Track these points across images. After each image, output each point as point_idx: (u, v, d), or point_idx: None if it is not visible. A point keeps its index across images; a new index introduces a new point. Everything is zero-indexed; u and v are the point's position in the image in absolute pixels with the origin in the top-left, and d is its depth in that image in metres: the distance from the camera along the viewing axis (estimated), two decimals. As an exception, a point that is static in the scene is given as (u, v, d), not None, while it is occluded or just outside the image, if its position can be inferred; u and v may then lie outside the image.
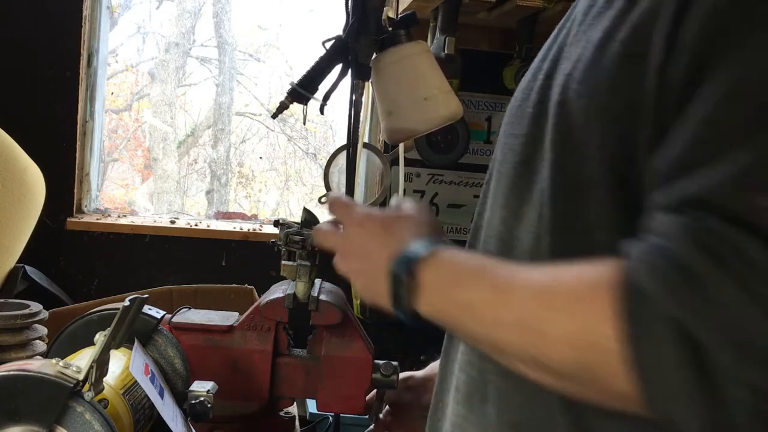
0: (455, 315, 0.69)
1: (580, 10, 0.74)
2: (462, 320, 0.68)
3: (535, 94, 0.75)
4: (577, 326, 0.58)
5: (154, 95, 3.80)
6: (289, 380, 1.12)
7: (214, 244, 2.57)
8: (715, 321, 0.52)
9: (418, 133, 1.34)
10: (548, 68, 0.75)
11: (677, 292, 0.53)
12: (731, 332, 0.51)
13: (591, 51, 0.68)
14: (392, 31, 1.31)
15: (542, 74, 0.76)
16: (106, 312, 1.02)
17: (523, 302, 0.62)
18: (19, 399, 0.69)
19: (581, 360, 0.59)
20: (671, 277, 0.53)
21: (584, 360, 0.59)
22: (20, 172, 1.79)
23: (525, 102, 0.77)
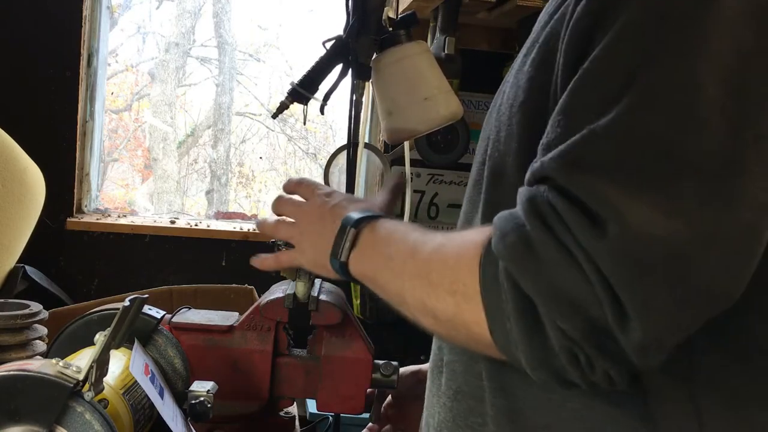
0: (375, 267, 0.80)
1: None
2: (380, 272, 0.79)
3: (499, 97, 0.83)
4: (454, 277, 0.68)
5: (154, 95, 3.80)
6: (289, 380, 1.12)
7: (214, 244, 2.57)
8: (536, 275, 0.61)
9: (419, 133, 1.34)
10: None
11: (512, 249, 0.62)
12: (547, 285, 0.60)
13: (521, 57, 0.79)
14: (392, 31, 1.31)
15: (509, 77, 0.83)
16: (106, 312, 1.02)
17: (423, 258, 0.73)
18: (19, 399, 0.69)
19: (457, 307, 0.68)
20: (510, 237, 0.63)
21: (459, 307, 0.68)
22: (20, 172, 1.79)
23: (493, 107, 0.85)
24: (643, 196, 0.58)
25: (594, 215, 0.59)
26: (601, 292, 0.58)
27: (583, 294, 0.59)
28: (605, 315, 0.58)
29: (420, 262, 0.73)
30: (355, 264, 0.83)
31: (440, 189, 2.66)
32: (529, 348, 0.62)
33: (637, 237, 0.57)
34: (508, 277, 0.63)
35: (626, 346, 0.59)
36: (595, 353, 0.60)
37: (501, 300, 0.63)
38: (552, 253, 0.60)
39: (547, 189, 0.62)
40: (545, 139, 0.66)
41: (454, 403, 0.82)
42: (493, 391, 0.77)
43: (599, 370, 0.61)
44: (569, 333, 0.60)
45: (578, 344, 0.60)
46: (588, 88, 0.64)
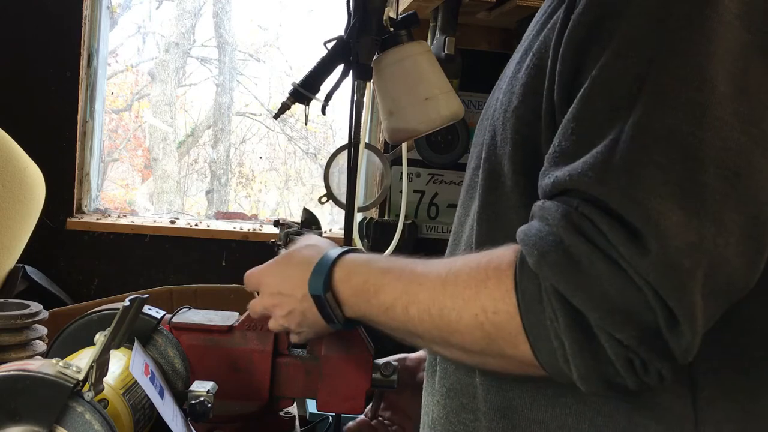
0: (378, 318, 0.78)
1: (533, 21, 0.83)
2: (384, 320, 0.78)
3: (492, 103, 0.84)
4: (482, 309, 0.67)
5: (154, 95, 3.80)
6: (289, 380, 1.12)
7: (214, 244, 2.57)
8: (588, 289, 0.61)
9: (420, 133, 1.34)
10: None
11: (556, 266, 0.62)
12: (600, 298, 0.60)
13: (514, 64, 0.80)
14: (393, 32, 1.31)
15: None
16: (106, 312, 1.01)
17: (431, 297, 0.71)
18: (19, 399, 0.69)
19: (488, 338, 0.67)
20: (552, 255, 0.62)
21: (491, 337, 0.67)
22: (20, 172, 1.79)
23: (485, 113, 0.86)
24: (674, 200, 0.59)
25: (631, 227, 0.60)
26: (653, 300, 0.59)
27: (635, 303, 0.60)
28: (657, 321, 0.60)
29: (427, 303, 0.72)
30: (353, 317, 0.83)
31: (440, 189, 2.66)
32: (582, 361, 0.62)
33: (677, 248, 0.59)
34: (556, 295, 0.62)
35: (676, 347, 0.60)
36: (650, 356, 0.61)
37: (545, 318, 0.63)
38: (600, 266, 0.60)
39: (580, 203, 0.62)
40: (557, 147, 0.66)
41: (447, 401, 0.83)
42: (487, 387, 0.78)
43: (653, 371, 0.62)
44: (625, 341, 0.61)
45: (634, 350, 0.61)
46: (598, 97, 0.64)
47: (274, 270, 0.94)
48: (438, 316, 0.71)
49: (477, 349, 0.70)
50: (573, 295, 0.61)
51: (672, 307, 0.59)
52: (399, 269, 0.77)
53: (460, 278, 0.70)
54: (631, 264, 0.59)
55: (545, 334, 0.64)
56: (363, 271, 0.81)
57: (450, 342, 0.72)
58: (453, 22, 2.21)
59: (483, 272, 0.68)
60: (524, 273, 0.65)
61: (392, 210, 2.66)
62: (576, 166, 0.63)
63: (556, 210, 0.64)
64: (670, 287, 0.59)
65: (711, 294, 0.60)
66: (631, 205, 0.60)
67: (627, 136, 0.61)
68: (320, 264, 0.84)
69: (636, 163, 0.61)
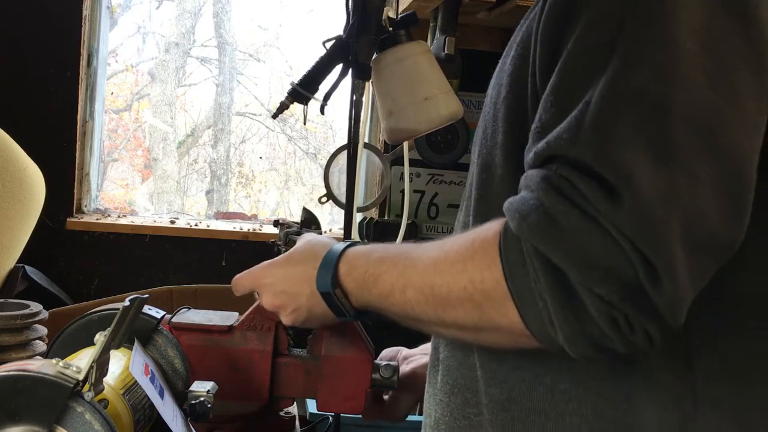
0: (381, 305, 0.80)
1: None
2: (387, 307, 0.79)
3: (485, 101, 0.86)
4: (469, 281, 0.68)
5: (154, 95, 3.79)
6: (289, 380, 1.12)
7: (214, 244, 2.57)
8: (567, 247, 0.61)
9: (419, 133, 1.34)
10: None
11: (536, 227, 0.63)
12: (579, 254, 0.61)
13: (502, 58, 0.82)
14: (392, 31, 1.31)
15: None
16: (106, 312, 1.01)
17: (423, 278, 0.73)
18: (19, 399, 0.69)
19: (478, 308, 0.68)
20: (531, 216, 0.63)
21: (481, 308, 0.68)
22: (20, 172, 1.79)
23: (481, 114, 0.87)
24: (645, 154, 0.61)
25: (608, 184, 0.61)
26: (632, 254, 0.60)
27: (614, 258, 0.60)
28: (638, 275, 0.60)
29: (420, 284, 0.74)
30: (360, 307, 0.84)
31: (440, 189, 2.66)
32: (566, 321, 0.63)
33: (650, 200, 0.60)
34: (536, 254, 0.63)
35: (659, 303, 0.61)
36: (633, 312, 0.61)
37: (529, 280, 0.64)
38: (578, 223, 0.61)
39: (559, 166, 0.64)
40: (538, 122, 0.68)
41: (451, 398, 0.83)
42: (487, 380, 0.78)
43: (638, 329, 0.62)
44: (606, 297, 0.61)
45: (616, 306, 0.61)
46: (573, 67, 0.66)
47: (272, 271, 0.94)
48: (430, 295, 0.72)
49: (470, 323, 0.70)
50: (552, 252, 0.62)
51: (650, 259, 0.60)
52: (395, 256, 0.78)
53: (450, 255, 0.71)
54: (607, 218, 0.60)
55: (530, 297, 0.64)
56: (363, 262, 0.82)
57: (445, 320, 0.73)
58: (453, 22, 2.21)
59: (470, 246, 0.70)
60: (507, 239, 0.66)
61: (392, 210, 2.66)
62: (554, 133, 0.65)
63: (537, 176, 0.65)
64: (646, 238, 0.59)
65: (693, 249, 0.61)
66: (604, 161, 0.61)
67: (598, 97, 0.63)
68: (326, 260, 0.85)
69: (607, 121, 0.62)
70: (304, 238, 0.96)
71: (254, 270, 0.97)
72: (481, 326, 0.70)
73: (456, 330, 0.74)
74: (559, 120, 0.65)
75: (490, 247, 0.67)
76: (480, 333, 0.72)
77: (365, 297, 0.82)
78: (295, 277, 0.90)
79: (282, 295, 0.92)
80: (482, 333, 0.72)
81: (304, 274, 0.88)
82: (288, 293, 0.91)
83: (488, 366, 0.78)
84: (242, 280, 0.98)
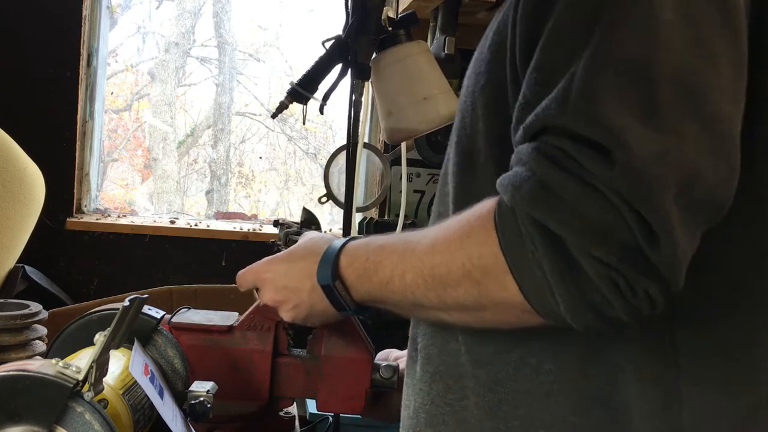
0: (381, 294, 0.79)
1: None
2: (387, 295, 0.78)
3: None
4: (467, 257, 0.68)
5: (154, 95, 3.79)
6: (289, 380, 1.12)
7: (214, 244, 2.57)
8: (562, 211, 0.61)
9: (419, 133, 1.34)
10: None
11: (529, 195, 0.63)
12: (575, 218, 0.61)
13: (478, 47, 0.82)
14: (392, 31, 1.31)
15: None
16: (106, 312, 1.01)
17: (421, 260, 0.73)
18: (19, 399, 0.69)
19: (478, 285, 0.68)
20: (525, 186, 0.63)
21: (480, 284, 0.68)
22: (20, 172, 1.79)
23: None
24: (633, 116, 0.61)
25: (600, 147, 0.61)
26: (627, 214, 0.60)
27: (611, 219, 0.60)
28: (635, 235, 0.60)
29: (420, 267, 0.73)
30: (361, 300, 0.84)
31: (440, 189, 2.66)
32: (566, 289, 0.63)
33: (642, 157, 0.60)
34: (532, 223, 0.63)
35: (658, 262, 0.60)
36: (633, 273, 0.61)
37: (526, 250, 0.64)
38: (573, 187, 0.61)
39: (549, 137, 0.63)
40: (522, 100, 0.68)
41: (432, 386, 0.83)
42: (473, 362, 0.78)
43: (640, 291, 0.62)
44: (605, 259, 0.61)
45: (615, 268, 0.61)
46: (556, 43, 0.67)
47: (274, 267, 0.95)
48: (429, 276, 0.72)
49: (471, 301, 0.70)
50: (548, 219, 0.62)
51: (646, 217, 0.59)
52: (394, 242, 0.79)
53: (447, 235, 0.71)
54: (601, 180, 0.60)
55: (529, 268, 0.64)
56: (362, 252, 0.82)
57: (446, 301, 0.72)
58: (453, 22, 2.21)
59: (466, 223, 0.70)
60: (503, 212, 0.66)
61: (392, 210, 2.66)
62: (541, 105, 0.65)
63: (528, 149, 0.65)
64: (641, 196, 0.59)
65: (689, 208, 0.61)
66: (593, 125, 0.61)
67: (583, 66, 0.63)
68: (327, 254, 0.85)
69: (594, 87, 0.62)
70: (306, 236, 0.96)
71: (256, 266, 0.97)
72: (483, 304, 0.70)
73: (458, 312, 0.74)
74: (545, 94, 0.65)
75: (487, 222, 0.67)
76: (482, 312, 0.71)
77: (366, 287, 0.81)
78: (296, 273, 0.90)
79: (283, 291, 0.93)
80: (484, 312, 0.71)
81: (305, 270, 0.88)
82: (289, 288, 0.92)
83: (474, 350, 0.78)
84: (245, 276, 0.99)
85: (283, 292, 0.93)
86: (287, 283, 0.92)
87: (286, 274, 0.92)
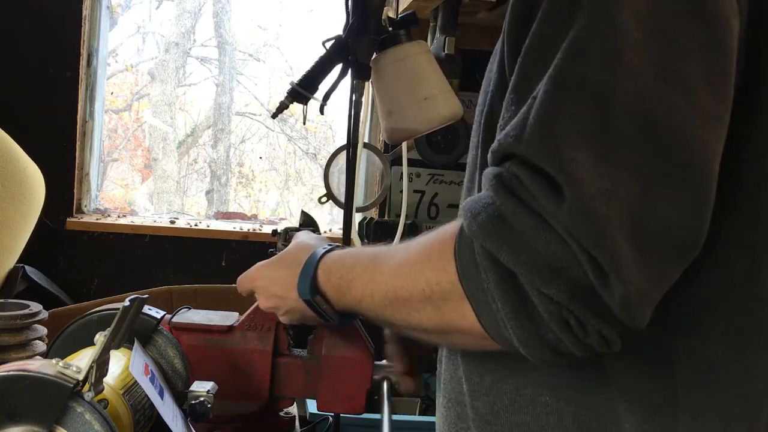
0: (357, 310, 0.80)
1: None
2: (362, 312, 0.79)
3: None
4: (426, 282, 0.67)
5: (154, 95, 3.80)
6: (289, 380, 1.12)
7: (214, 244, 2.57)
8: (513, 245, 0.60)
9: (419, 133, 1.34)
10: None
11: (485, 225, 0.61)
12: (526, 253, 0.59)
13: (489, 63, 0.81)
14: (392, 31, 1.31)
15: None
16: (106, 312, 1.01)
17: (387, 282, 0.72)
18: (19, 399, 0.69)
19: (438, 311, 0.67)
20: (482, 215, 0.62)
21: (441, 310, 0.67)
22: (20, 172, 1.79)
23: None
24: (586, 148, 0.59)
25: (551, 179, 0.59)
26: (578, 252, 0.58)
27: (561, 256, 0.59)
28: (587, 274, 0.58)
29: (386, 289, 0.73)
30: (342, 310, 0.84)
31: (440, 189, 2.66)
32: (517, 323, 0.61)
33: (590, 195, 0.58)
34: (485, 254, 0.62)
35: (610, 302, 0.59)
36: (584, 313, 0.59)
37: (481, 280, 0.63)
38: (525, 221, 0.60)
39: (511, 164, 0.62)
40: (501, 122, 0.67)
41: (447, 411, 0.83)
42: (472, 394, 0.78)
43: (592, 331, 0.60)
44: (555, 297, 0.59)
45: (566, 307, 0.59)
46: (528, 63, 0.65)
47: (266, 273, 0.95)
48: (394, 299, 0.72)
49: (433, 326, 0.70)
50: (499, 251, 0.60)
51: (595, 255, 0.57)
52: (366, 261, 0.78)
53: (410, 257, 0.71)
54: (551, 215, 0.58)
55: (484, 298, 0.63)
56: (338, 267, 0.82)
57: (411, 323, 0.72)
58: (453, 22, 2.21)
59: (428, 246, 0.69)
60: (462, 239, 0.65)
61: (392, 210, 2.66)
62: (505, 130, 0.63)
63: (490, 174, 0.64)
64: (589, 234, 0.58)
65: (646, 245, 0.59)
66: (546, 157, 0.59)
67: (542, 91, 0.61)
68: (305, 267, 0.85)
69: (549, 116, 0.60)
70: (297, 238, 0.97)
71: (250, 272, 0.98)
72: (444, 329, 0.69)
73: (424, 333, 0.73)
74: (510, 117, 0.64)
75: (447, 248, 0.66)
76: (446, 335, 0.71)
77: (343, 302, 0.82)
78: (283, 281, 0.91)
79: (274, 299, 0.94)
80: (448, 335, 0.71)
81: (289, 280, 0.88)
82: (278, 297, 0.93)
83: (472, 380, 0.78)
84: (242, 282, 1.00)
85: (273, 299, 0.94)
86: (276, 292, 0.93)
87: (275, 281, 0.93)
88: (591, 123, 0.59)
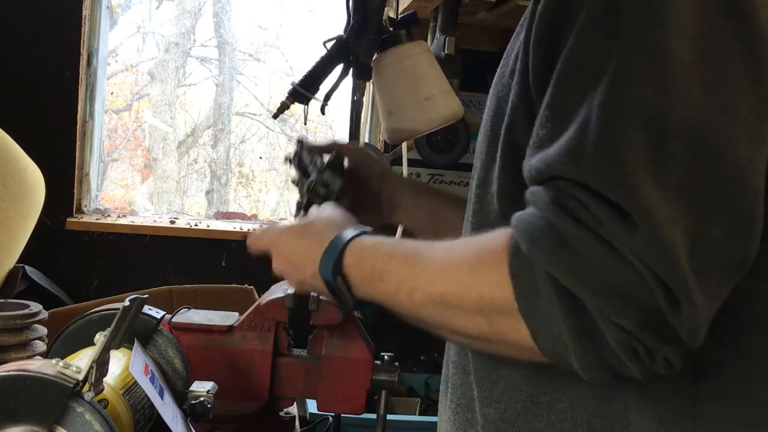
0: (385, 302, 0.78)
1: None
2: (392, 305, 0.77)
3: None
4: (479, 295, 0.67)
5: (154, 95, 3.80)
6: (289, 380, 1.12)
7: (214, 244, 2.57)
8: (582, 272, 0.60)
9: (419, 133, 1.34)
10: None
11: (548, 250, 0.61)
12: (596, 282, 0.59)
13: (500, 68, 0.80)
14: (393, 31, 1.31)
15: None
16: (106, 312, 1.01)
17: (432, 283, 0.71)
18: (19, 399, 0.69)
19: (490, 322, 0.67)
20: (543, 239, 0.61)
21: (492, 322, 0.67)
22: (20, 171, 1.79)
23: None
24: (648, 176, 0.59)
25: (617, 206, 0.59)
26: (651, 280, 0.58)
27: (634, 285, 0.59)
28: (658, 302, 0.58)
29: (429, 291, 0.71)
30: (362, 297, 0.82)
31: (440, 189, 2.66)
32: (581, 349, 0.61)
33: (660, 222, 0.58)
34: (549, 279, 0.61)
35: (679, 328, 0.59)
36: (654, 341, 0.59)
37: (542, 303, 0.62)
38: (594, 247, 0.59)
39: (566, 185, 0.61)
40: (535, 138, 0.66)
41: (456, 416, 0.82)
42: (482, 400, 0.77)
43: (659, 358, 0.60)
44: (627, 327, 0.59)
45: (636, 337, 0.59)
46: (567, 81, 0.64)
47: (288, 239, 0.92)
48: (439, 302, 0.70)
49: (479, 334, 0.69)
50: (567, 279, 0.60)
51: (668, 283, 0.58)
52: (404, 254, 0.76)
53: (456, 262, 0.70)
54: (622, 243, 0.58)
55: (544, 320, 0.62)
56: (370, 254, 0.80)
57: (453, 328, 0.71)
58: (453, 22, 2.21)
59: (478, 256, 0.68)
60: (518, 259, 0.64)
61: (392, 210, 2.65)
62: (552, 152, 0.63)
63: (545, 194, 0.63)
64: (662, 263, 0.58)
65: (702, 269, 0.59)
66: (613, 185, 0.59)
67: (596, 116, 0.61)
68: (332, 245, 0.82)
69: (607, 142, 0.60)
70: (324, 211, 0.94)
71: (270, 232, 0.96)
72: (491, 339, 0.69)
73: (465, 338, 0.73)
74: (555, 135, 0.63)
75: (500, 263, 0.65)
76: (490, 344, 0.71)
77: (369, 292, 0.80)
78: (303, 252, 0.88)
79: (289, 265, 0.91)
80: (493, 344, 0.70)
81: (310, 252, 0.85)
82: (294, 265, 0.90)
83: (484, 386, 0.77)
84: (260, 239, 0.97)
85: (288, 266, 0.91)
86: (293, 260, 0.90)
87: (294, 250, 0.90)
88: (649, 149, 0.60)
